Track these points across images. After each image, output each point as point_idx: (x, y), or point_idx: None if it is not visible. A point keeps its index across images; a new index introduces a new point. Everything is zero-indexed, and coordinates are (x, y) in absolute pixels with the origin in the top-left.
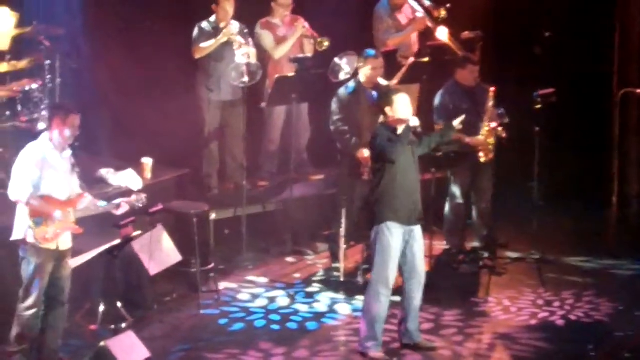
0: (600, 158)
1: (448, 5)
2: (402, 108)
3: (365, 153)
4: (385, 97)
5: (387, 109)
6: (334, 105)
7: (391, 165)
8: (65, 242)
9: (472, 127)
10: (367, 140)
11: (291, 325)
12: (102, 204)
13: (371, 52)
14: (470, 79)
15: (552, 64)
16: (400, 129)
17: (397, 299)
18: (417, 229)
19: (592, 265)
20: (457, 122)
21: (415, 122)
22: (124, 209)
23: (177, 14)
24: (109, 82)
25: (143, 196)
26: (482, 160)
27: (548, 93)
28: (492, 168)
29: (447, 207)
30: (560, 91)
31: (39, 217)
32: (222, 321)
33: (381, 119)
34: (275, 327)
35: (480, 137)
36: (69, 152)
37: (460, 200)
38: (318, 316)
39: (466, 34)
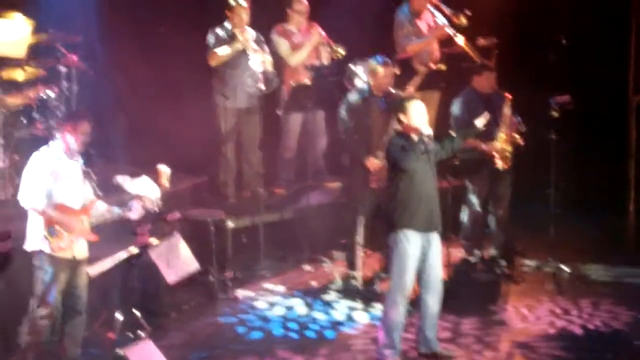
0: (617, 165)
1: (468, 13)
2: (416, 115)
3: (375, 161)
4: (399, 104)
5: (402, 116)
6: (343, 112)
7: (407, 173)
8: (81, 251)
9: (488, 133)
10: (376, 147)
11: (309, 334)
12: (117, 210)
13: (381, 59)
14: (486, 85)
15: (568, 71)
16: (414, 137)
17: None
18: (435, 237)
19: (610, 273)
20: (480, 123)
21: (428, 130)
22: (137, 210)
23: (192, 19)
24: (125, 89)
25: (157, 199)
26: (499, 167)
27: (565, 100)
28: (510, 176)
29: (464, 215)
30: (576, 98)
31: (53, 227)
32: (240, 329)
33: (396, 126)
34: (294, 335)
35: (497, 144)
36: (80, 159)
37: (477, 208)
38: (336, 324)
39: (481, 41)
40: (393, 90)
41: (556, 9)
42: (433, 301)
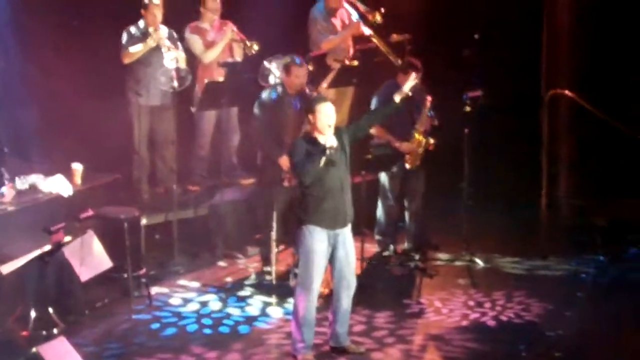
0: (530, 159)
1: (382, 10)
2: (324, 117)
3: (287, 160)
4: (309, 104)
5: (310, 117)
6: (256, 110)
7: (311, 180)
8: None
9: (404, 132)
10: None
11: (223, 329)
12: None
13: (295, 59)
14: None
15: (481, 66)
16: (321, 139)
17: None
18: (344, 233)
19: (522, 265)
20: (406, 87)
21: (332, 142)
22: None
23: (106, 15)
24: (38, 84)
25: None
26: (408, 167)
27: (477, 95)
28: (424, 171)
29: (379, 209)
30: (490, 93)
31: None
32: (155, 326)
33: (305, 126)
34: (208, 331)
35: (410, 144)
36: None
37: (392, 202)
38: (250, 320)
39: (395, 37)
40: (307, 89)
41: (470, 5)
42: (343, 296)
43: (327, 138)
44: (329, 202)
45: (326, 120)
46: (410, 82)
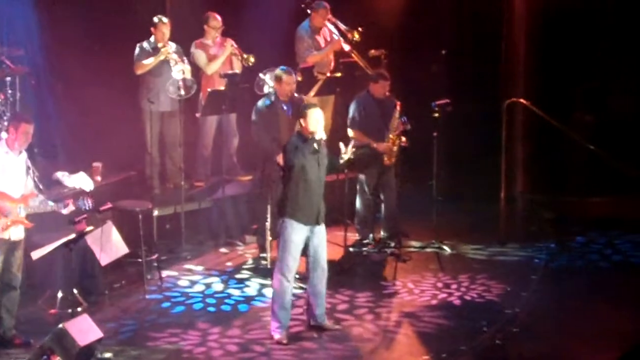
0: (490, 159)
1: (360, 29)
2: (313, 121)
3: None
4: (301, 110)
5: (302, 121)
6: (254, 117)
7: (296, 170)
8: (16, 234)
9: (380, 134)
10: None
11: (225, 308)
12: (51, 204)
13: (285, 69)
14: (381, 92)
15: (448, 78)
16: (310, 138)
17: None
18: (319, 229)
19: (484, 252)
20: (346, 155)
21: (322, 135)
22: (69, 208)
23: (121, 37)
24: (64, 97)
25: (89, 200)
26: (386, 163)
27: (444, 103)
28: (395, 168)
29: (358, 202)
30: (455, 101)
31: None
32: (165, 304)
33: (297, 127)
34: (212, 309)
35: (386, 144)
36: (24, 156)
37: (368, 196)
38: (248, 299)
39: (372, 52)
40: (297, 95)
41: (438, 25)
42: (319, 282)
43: (318, 133)
44: (309, 202)
45: (315, 124)
46: (349, 151)
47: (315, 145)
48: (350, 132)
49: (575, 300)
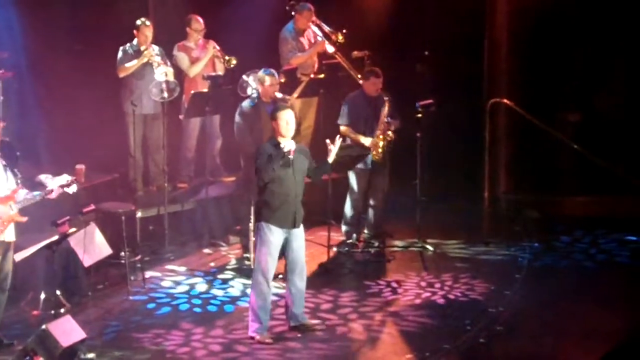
0: (473, 159)
1: (344, 31)
2: (283, 123)
3: None
4: (272, 111)
5: (273, 123)
6: (238, 118)
7: (270, 181)
8: (10, 234)
9: (370, 129)
10: None
11: (211, 308)
12: (36, 193)
13: (267, 70)
14: (372, 89)
15: (431, 79)
16: (283, 142)
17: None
18: (297, 231)
19: (467, 251)
20: (331, 157)
21: (291, 146)
22: (56, 192)
23: (104, 39)
24: (47, 99)
25: (74, 185)
26: (374, 158)
27: (428, 103)
28: (387, 169)
29: (347, 203)
30: (439, 102)
31: None
32: (150, 305)
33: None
34: (197, 310)
35: (372, 139)
36: None
37: (358, 197)
38: (233, 300)
39: (356, 53)
40: (279, 96)
41: (421, 26)
42: (298, 282)
43: (287, 142)
44: (285, 207)
45: (284, 125)
46: (333, 152)
47: (285, 157)
48: (341, 128)
49: (559, 300)
